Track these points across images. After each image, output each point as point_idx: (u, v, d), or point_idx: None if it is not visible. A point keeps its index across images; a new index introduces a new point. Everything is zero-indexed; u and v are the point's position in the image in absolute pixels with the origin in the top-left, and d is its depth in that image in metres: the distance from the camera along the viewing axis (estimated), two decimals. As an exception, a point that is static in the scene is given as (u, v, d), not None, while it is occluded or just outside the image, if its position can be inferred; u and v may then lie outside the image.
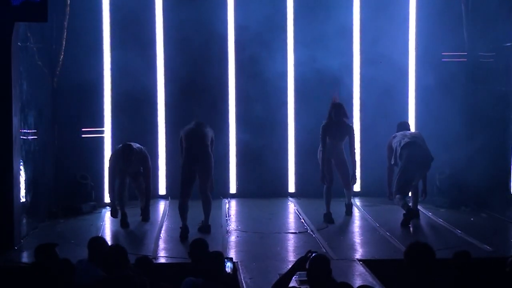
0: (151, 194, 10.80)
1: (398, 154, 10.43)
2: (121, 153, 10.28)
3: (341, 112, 10.68)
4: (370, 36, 12.42)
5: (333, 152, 10.72)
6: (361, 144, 12.47)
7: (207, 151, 9.89)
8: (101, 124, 12.15)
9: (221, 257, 6.01)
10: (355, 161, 10.83)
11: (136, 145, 10.51)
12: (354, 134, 10.85)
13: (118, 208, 10.41)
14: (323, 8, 12.35)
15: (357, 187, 12.31)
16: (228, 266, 6.12)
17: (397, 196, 10.33)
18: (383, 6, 12.38)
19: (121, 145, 10.54)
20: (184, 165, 9.87)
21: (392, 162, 10.54)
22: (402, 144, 10.41)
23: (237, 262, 8.21)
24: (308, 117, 12.28)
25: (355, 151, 10.89)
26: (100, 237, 7.56)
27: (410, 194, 10.76)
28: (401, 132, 10.75)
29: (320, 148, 10.71)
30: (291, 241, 9.72)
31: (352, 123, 11.68)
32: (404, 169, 10.31)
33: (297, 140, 12.59)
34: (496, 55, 11.41)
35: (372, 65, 12.38)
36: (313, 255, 5.58)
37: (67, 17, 11.60)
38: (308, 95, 12.49)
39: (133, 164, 10.40)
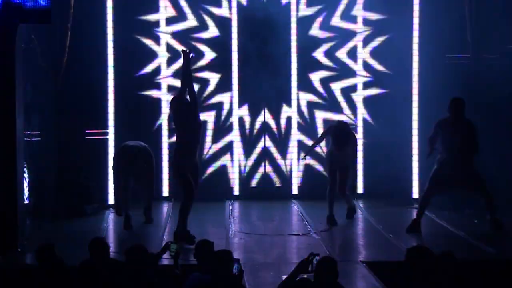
0: (153, 194, 10.78)
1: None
2: (124, 156, 10.29)
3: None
4: (373, 37, 12.43)
5: (339, 159, 10.70)
6: (363, 146, 12.47)
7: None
8: (104, 125, 12.16)
9: (229, 256, 6.00)
10: (357, 170, 10.85)
11: (140, 144, 10.51)
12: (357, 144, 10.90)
13: (122, 207, 10.41)
14: (326, 16, 12.34)
15: (359, 189, 12.34)
16: (235, 268, 6.11)
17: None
18: (386, 7, 12.37)
19: (123, 144, 10.56)
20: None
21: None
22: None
23: (240, 264, 8.20)
24: (312, 118, 12.27)
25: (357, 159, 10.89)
26: (101, 238, 7.51)
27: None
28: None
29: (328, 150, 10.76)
30: (294, 243, 9.71)
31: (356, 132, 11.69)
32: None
33: (301, 142, 12.58)
34: (500, 57, 11.41)
35: (374, 66, 12.38)
36: (316, 258, 5.57)
37: (71, 19, 11.61)
38: (311, 96, 12.50)
39: (138, 165, 10.40)
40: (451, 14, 12.16)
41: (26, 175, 9.69)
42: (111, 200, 11.88)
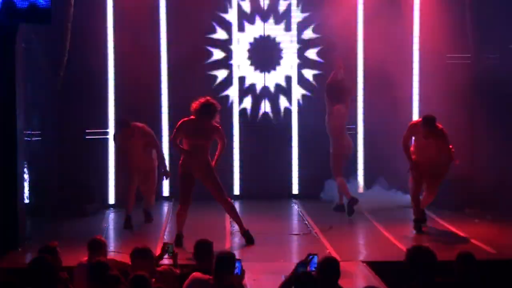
0: (155, 193, 10.82)
1: None
2: (121, 131, 10.34)
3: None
4: (374, 37, 12.44)
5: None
6: (364, 146, 12.48)
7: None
8: (105, 125, 12.17)
9: (231, 257, 6.02)
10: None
11: (139, 123, 10.56)
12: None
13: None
14: (326, 13, 12.39)
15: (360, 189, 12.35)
16: (238, 268, 6.13)
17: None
18: (387, 7, 12.38)
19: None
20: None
21: None
22: None
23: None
24: (312, 118, 12.30)
25: None
26: (100, 238, 7.50)
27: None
28: None
29: None
30: (295, 243, 9.72)
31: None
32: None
33: (301, 142, 12.60)
34: (500, 56, 11.43)
35: (375, 66, 12.40)
36: (314, 257, 5.58)
37: (71, 18, 11.61)
38: (311, 95, 12.55)
39: (137, 140, 10.39)
40: (451, 14, 12.16)
41: (26, 175, 9.69)
42: (111, 200, 11.90)
